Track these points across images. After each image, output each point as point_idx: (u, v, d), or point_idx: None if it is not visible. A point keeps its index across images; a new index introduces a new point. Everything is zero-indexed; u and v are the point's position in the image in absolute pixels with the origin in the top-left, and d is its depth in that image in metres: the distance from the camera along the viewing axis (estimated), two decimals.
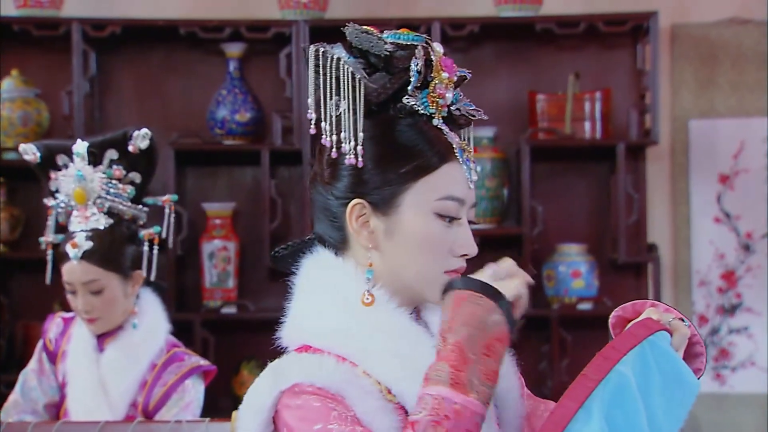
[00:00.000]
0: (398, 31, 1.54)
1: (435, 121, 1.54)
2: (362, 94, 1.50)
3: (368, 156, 1.52)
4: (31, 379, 2.92)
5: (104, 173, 2.83)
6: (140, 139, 2.83)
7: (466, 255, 1.57)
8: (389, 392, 1.49)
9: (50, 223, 2.86)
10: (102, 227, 2.81)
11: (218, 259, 4.34)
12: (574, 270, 4.34)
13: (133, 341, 2.85)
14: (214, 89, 4.36)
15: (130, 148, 2.84)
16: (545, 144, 4.37)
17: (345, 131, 1.51)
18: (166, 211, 2.90)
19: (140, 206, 2.89)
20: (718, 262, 4.53)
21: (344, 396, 1.45)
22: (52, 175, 2.84)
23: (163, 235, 2.89)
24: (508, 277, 1.51)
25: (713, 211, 4.54)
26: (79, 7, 4.48)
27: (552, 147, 4.40)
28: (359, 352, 1.50)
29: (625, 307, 1.59)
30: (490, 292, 1.45)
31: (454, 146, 1.55)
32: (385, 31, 1.54)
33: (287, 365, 1.49)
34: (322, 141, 1.53)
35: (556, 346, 4.28)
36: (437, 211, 1.53)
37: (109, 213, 2.83)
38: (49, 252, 2.86)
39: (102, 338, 2.87)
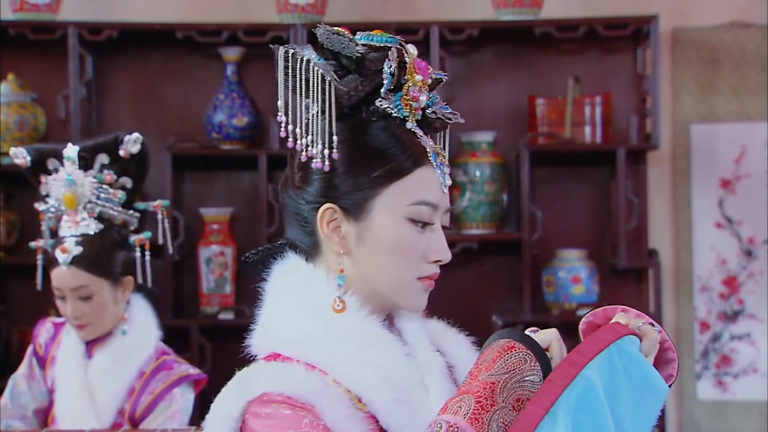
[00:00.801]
0: (371, 32, 1.51)
1: (409, 125, 1.52)
2: (332, 97, 1.47)
3: (340, 160, 1.50)
4: (20, 384, 2.90)
5: (95, 178, 2.81)
6: (131, 143, 2.81)
7: (439, 261, 1.54)
8: (360, 401, 1.46)
9: (44, 228, 2.84)
10: (92, 232, 2.79)
11: (215, 264, 4.31)
12: (574, 276, 4.31)
13: (122, 348, 2.83)
14: (212, 93, 4.34)
15: (121, 153, 2.82)
16: (545, 149, 4.34)
17: (313, 134, 1.48)
18: (159, 216, 2.87)
19: (131, 211, 2.87)
20: (720, 268, 4.50)
21: (314, 405, 1.42)
22: (43, 179, 2.82)
23: (160, 241, 2.86)
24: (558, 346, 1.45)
25: (715, 216, 4.51)
26: (76, 11, 4.46)
27: (552, 152, 4.37)
28: (329, 359, 1.47)
29: (596, 312, 1.56)
30: (539, 354, 1.40)
31: (427, 150, 1.52)
32: (357, 33, 1.51)
33: (255, 374, 1.46)
34: (289, 144, 1.50)
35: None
36: (410, 216, 1.50)
37: (100, 218, 2.81)
38: (39, 257, 2.84)
39: (91, 344, 2.84)
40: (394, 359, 1.49)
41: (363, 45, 1.49)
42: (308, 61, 1.47)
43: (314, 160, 1.48)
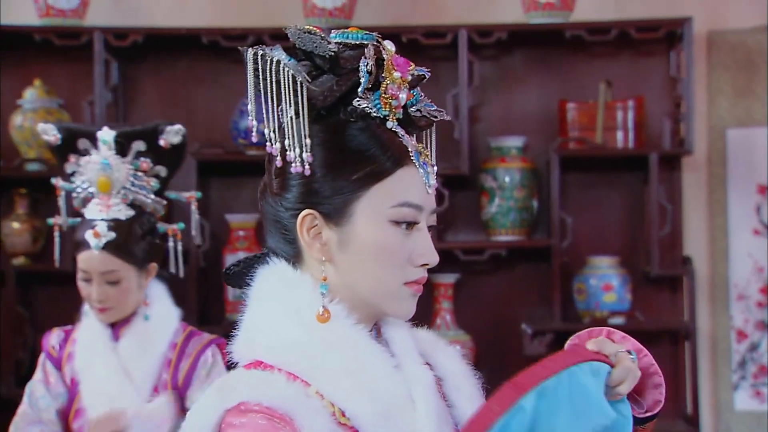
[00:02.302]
0: (347, 30, 1.45)
1: (389, 124, 1.46)
2: (305, 98, 1.41)
3: (318, 163, 1.44)
4: (37, 389, 2.90)
5: (132, 165, 2.82)
6: (173, 134, 2.84)
7: (426, 264, 1.48)
8: (343, 414, 1.40)
9: (61, 204, 2.85)
10: (124, 218, 2.79)
11: None
12: (606, 283, 4.23)
13: (147, 327, 2.86)
14: (238, 99, 4.30)
15: (162, 143, 2.84)
16: (575, 154, 4.28)
17: (289, 138, 1.42)
18: (192, 208, 2.90)
19: (159, 198, 2.88)
20: (757, 276, 4.40)
21: (293, 417, 1.36)
22: (72, 158, 2.82)
23: (193, 232, 2.89)
24: None
25: (752, 222, 4.41)
26: (102, 16, 4.44)
27: (582, 157, 4.30)
28: (313, 370, 1.41)
29: (580, 335, 1.51)
30: None
31: (409, 149, 1.46)
32: (333, 31, 1.46)
33: (234, 382, 1.41)
34: (268, 149, 1.45)
35: None
36: (393, 219, 1.44)
37: (132, 204, 2.82)
38: (56, 234, 2.86)
39: (116, 328, 2.85)
40: (381, 371, 1.43)
41: (338, 43, 1.43)
42: (278, 62, 1.41)
43: (293, 165, 1.42)
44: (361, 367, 1.42)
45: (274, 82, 1.41)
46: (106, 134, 2.81)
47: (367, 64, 1.43)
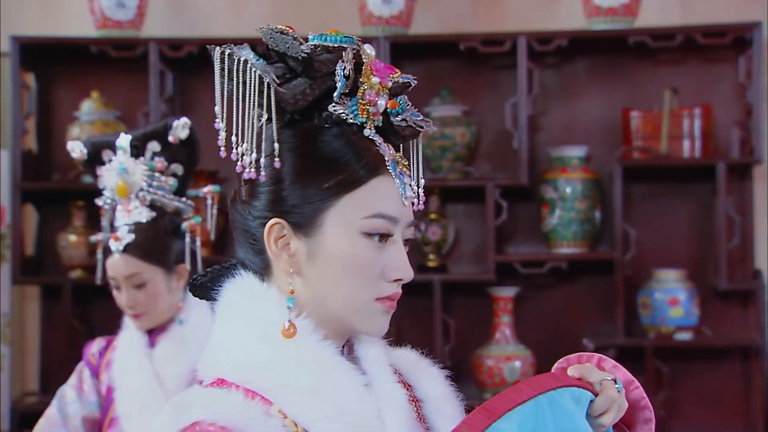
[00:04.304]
0: (325, 32, 1.38)
1: (366, 131, 1.37)
2: (272, 101, 1.33)
3: (288, 170, 1.36)
4: (68, 394, 2.87)
5: (146, 165, 2.79)
6: (180, 128, 2.79)
7: (400, 280, 1.39)
8: None
9: (104, 223, 2.83)
10: (144, 220, 2.76)
11: None
12: (672, 297, 4.10)
13: (184, 333, 2.81)
14: None
15: (171, 139, 2.80)
16: (640, 164, 4.17)
17: (247, 142, 1.34)
18: (208, 202, 2.82)
19: (184, 199, 2.84)
20: None
21: None
22: (98, 171, 2.81)
23: (208, 227, 2.82)
24: None
25: None
26: (159, 27, 4.43)
27: (647, 167, 4.19)
28: (277, 388, 1.33)
29: (569, 358, 1.43)
30: None
31: (386, 158, 1.37)
32: (310, 33, 1.38)
33: (189, 400, 1.34)
34: (222, 153, 1.36)
35: (651, 378, 4.04)
36: (365, 231, 1.36)
37: (152, 206, 2.78)
38: (99, 251, 2.84)
39: (153, 334, 2.83)
40: (349, 390, 1.35)
41: (316, 45, 1.36)
42: (245, 62, 1.34)
43: (246, 171, 1.35)
44: (328, 385, 1.34)
45: (240, 83, 1.34)
46: (122, 140, 2.79)
47: (345, 68, 1.35)
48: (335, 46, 1.36)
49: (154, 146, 2.79)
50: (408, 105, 1.41)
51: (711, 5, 4.32)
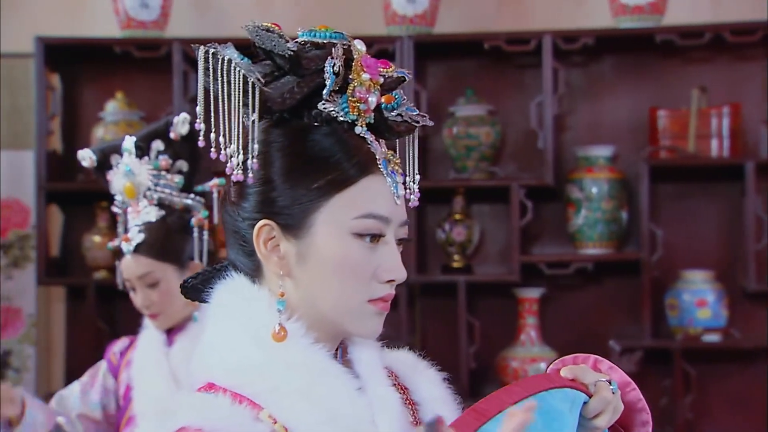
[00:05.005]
0: (315, 28, 1.35)
1: (357, 129, 1.35)
2: (257, 101, 1.31)
3: (276, 170, 1.34)
4: (74, 389, 2.90)
5: (151, 165, 2.79)
6: (180, 124, 2.78)
7: (393, 281, 1.36)
8: None
9: (119, 229, 2.84)
10: (153, 219, 2.76)
11: None
12: (700, 299, 4.05)
13: (199, 330, 2.78)
14: None
15: (172, 135, 2.79)
16: (667, 163, 4.12)
17: (234, 143, 1.32)
18: (214, 195, 2.82)
19: (192, 195, 2.83)
20: None
21: None
22: (108, 176, 2.82)
23: (215, 220, 2.85)
24: None
25: None
26: (183, 27, 4.42)
27: (674, 166, 4.14)
28: (267, 392, 1.31)
29: (564, 359, 1.41)
30: None
31: (377, 157, 1.35)
32: (299, 29, 1.35)
33: (177, 405, 1.31)
34: (211, 155, 1.34)
35: (679, 380, 4.00)
36: (356, 231, 1.33)
37: (160, 204, 2.78)
38: (117, 256, 2.85)
39: (171, 333, 2.83)
40: (341, 394, 1.32)
41: (305, 42, 1.33)
42: (229, 61, 1.32)
43: (234, 173, 1.33)
44: (319, 388, 1.32)
45: (225, 83, 1.32)
46: (127, 142, 2.79)
47: (334, 64, 1.32)
48: (325, 42, 1.33)
49: (157, 145, 2.79)
50: (404, 99, 1.38)
51: (740, 2, 4.26)
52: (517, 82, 4.32)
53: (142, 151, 2.79)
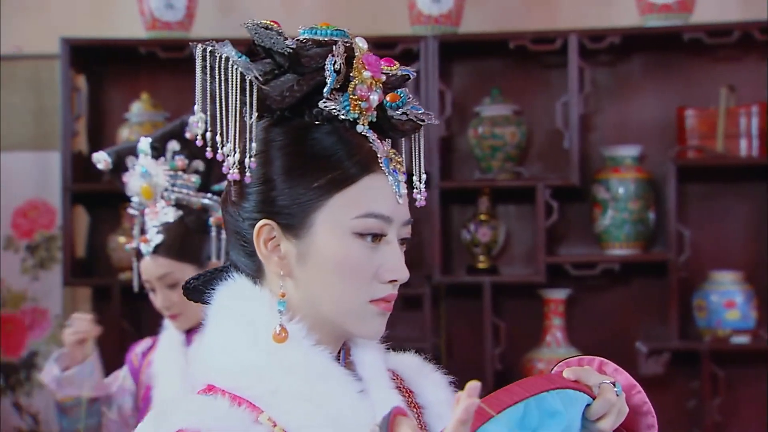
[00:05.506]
0: (316, 25, 1.34)
1: (359, 127, 1.33)
2: (254, 99, 1.29)
3: (276, 169, 1.32)
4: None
5: (168, 165, 2.80)
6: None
7: (395, 281, 1.34)
8: None
9: (135, 231, 2.85)
10: (171, 220, 2.77)
11: None
12: (728, 300, 4.01)
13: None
14: None
15: (188, 135, 2.80)
16: (694, 163, 4.08)
17: (230, 142, 1.30)
18: None
19: (209, 194, 2.84)
20: None
21: None
22: (124, 178, 2.82)
23: None
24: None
25: None
26: (209, 28, 4.41)
27: (702, 166, 4.10)
28: (267, 395, 1.29)
29: (569, 361, 1.39)
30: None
31: (378, 155, 1.33)
32: (300, 27, 1.34)
33: (173, 408, 1.30)
34: (208, 153, 1.33)
35: (707, 382, 3.96)
36: (357, 231, 1.32)
37: (178, 205, 2.79)
38: (134, 259, 2.86)
39: (190, 333, 2.83)
40: (342, 396, 1.31)
41: (306, 40, 1.32)
42: (227, 58, 1.31)
43: (231, 172, 1.31)
44: (320, 391, 1.30)
45: (222, 81, 1.30)
46: (143, 144, 2.79)
47: (335, 62, 1.31)
48: (326, 39, 1.32)
49: (173, 145, 2.79)
50: (409, 98, 1.36)
51: None
52: (543, 82, 4.29)
53: (157, 151, 2.79)
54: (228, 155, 1.31)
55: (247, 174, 1.31)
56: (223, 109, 1.30)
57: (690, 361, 4.03)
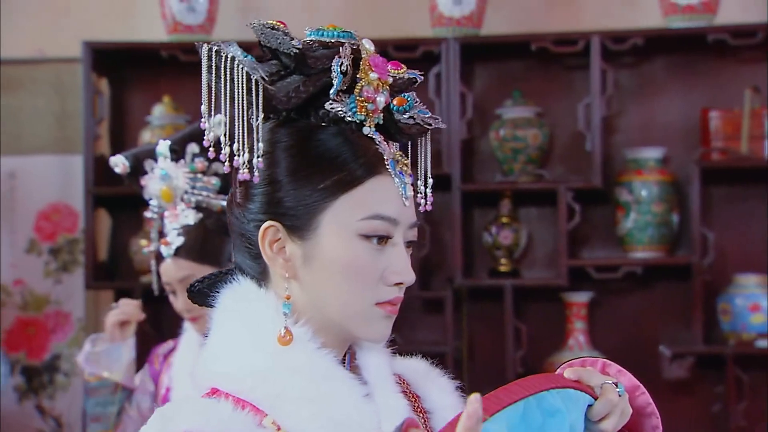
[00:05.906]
0: (323, 27, 1.33)
1: (366, 129, 1.33)
2: (260, 100, 1.28)
3: (282, 171, 1.32)
4: (100, 388, 2.92)
5: (188, 168, 2.79)
6: (216, 126, 2.75)
7: (401, 284, 1.34)
8: None
9: (153, 234, 2.84)
10: (192, 222, 2.75)
11: None
12: (753, 303, 3.98)
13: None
14: None
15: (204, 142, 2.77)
16: (719, 165, 4.04)
17: (237, 142, 1.29)
18: None
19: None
20: None
21: None
22: (142, 182, 2.82)
23: None
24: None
25: None
26: (229, 31, 4.41)
27: (727, 168, 4.06)
28: (271, 398, 1.29)
29: (573, 362, 1.37)
30: None
31: (385, 157, 1.32)
32: (307, 28, 1.33)
33: (176, 411, 1.29)
34: (210, 153, 1.32)
35: (731, 387, 3.92)
36: (362, 233, 1.31)
37: (198, 207, 2.78)
38: (153, 261, 2.85)
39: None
40: (347, 400, 1.30)
41: (312, 41, 1.31)
42: (233, 59, 1.30)
43: (240, 172, 1.30)
44: (325, 395, 1.30)
45: (228, 81, 1.29)
46: (162, 146, 2.78)
47: (342, 63, 1.30)
48: (332, 41, 1.31)
49: (193, 148, 2.78)
50: (416, 102, 1.36)
51: None
52: (565, 84, 4.26)
53: (177, 154, 2.78)
54: (235, 155, 1.30)
55: (255, 174, 1.30)
56: (229, 109, 1.30)
57: (714, 366, 4.00)
